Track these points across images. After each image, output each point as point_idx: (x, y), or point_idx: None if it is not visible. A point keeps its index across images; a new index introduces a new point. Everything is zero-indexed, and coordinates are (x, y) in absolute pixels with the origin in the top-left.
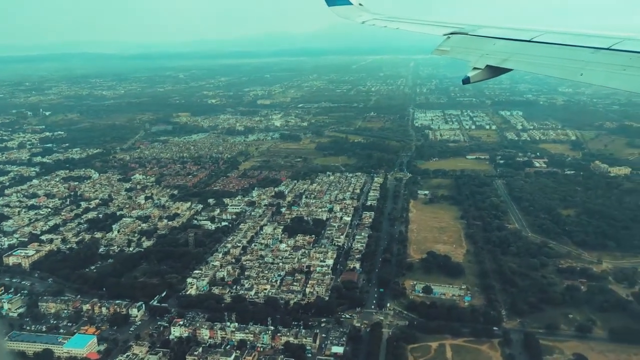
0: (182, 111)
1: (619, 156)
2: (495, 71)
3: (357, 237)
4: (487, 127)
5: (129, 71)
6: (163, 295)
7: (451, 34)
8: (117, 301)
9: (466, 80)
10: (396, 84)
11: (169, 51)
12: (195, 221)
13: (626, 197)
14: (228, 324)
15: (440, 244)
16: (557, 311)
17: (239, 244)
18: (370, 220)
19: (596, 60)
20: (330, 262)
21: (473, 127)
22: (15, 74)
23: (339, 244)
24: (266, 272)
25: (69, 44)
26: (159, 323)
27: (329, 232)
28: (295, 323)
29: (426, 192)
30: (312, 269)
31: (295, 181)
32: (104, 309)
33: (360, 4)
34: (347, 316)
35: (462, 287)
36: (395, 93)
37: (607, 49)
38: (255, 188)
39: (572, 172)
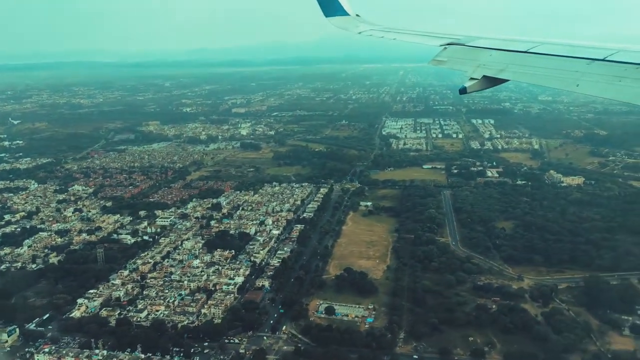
0: (153, 119)
1: (577, 165)
2: (491, 81)
3: (279, 252)
4: (455, 135)
5: (118, 79)
6: (45, 317)
7: (448, 44)
8: None
9: (463, 91)
10: (379, 92)
11: (167, 59)
12: (116, 235)
13: (571, 208)
14: (96, 351)
15: (364, 259)
16: (459, 333)
17: (151, 260)
18: (298, 234)
19: (592, 71)
20: (240, 279)
21: (440, 135)
22: (0, 83)
23: (256, 259)
24: (167, 291)
25: (71, 52)
26: (27, 350)
27: (252, 246)
28: (176, 349)
29: (368, 203)
30: (217, 287)
31: (238, 192)
32: None
33: (357, 15)
34: (236, 341)
35: (370, 306)
36: (375, 101)
37: (603, 60)
38: (193, 199)
39: (523, 182)
